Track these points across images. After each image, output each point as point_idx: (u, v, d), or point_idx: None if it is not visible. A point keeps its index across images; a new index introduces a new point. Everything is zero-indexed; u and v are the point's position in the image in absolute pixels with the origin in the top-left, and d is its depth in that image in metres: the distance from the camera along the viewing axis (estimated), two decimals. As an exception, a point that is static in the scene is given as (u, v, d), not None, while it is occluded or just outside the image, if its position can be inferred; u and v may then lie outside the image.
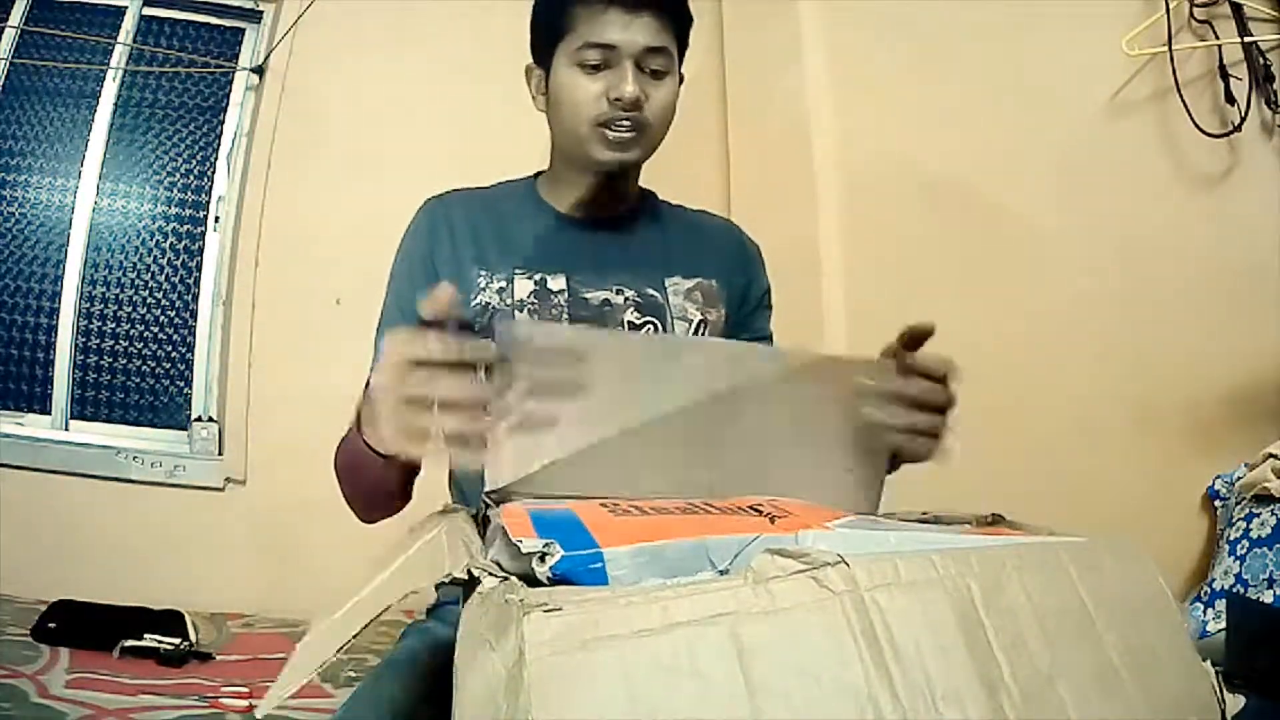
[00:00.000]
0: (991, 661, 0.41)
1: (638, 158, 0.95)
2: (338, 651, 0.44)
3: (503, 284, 0.94)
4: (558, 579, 0.43)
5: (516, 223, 0.99)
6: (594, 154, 0.93)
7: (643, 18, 0.89)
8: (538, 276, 0.95)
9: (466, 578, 0.42)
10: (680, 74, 0.97)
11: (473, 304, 0.93)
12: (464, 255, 0.95)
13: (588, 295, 0.95)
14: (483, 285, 0.94)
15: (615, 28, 0.88)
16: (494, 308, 0.93)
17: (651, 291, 0.98)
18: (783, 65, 2.17)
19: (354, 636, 0.44)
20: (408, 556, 0.50)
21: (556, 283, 0.95)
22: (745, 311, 1.07)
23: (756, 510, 0.61)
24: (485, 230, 0.97)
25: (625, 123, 0.90)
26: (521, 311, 0.93)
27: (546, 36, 0.94)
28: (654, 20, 0.90)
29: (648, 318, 0.97)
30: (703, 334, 1.00)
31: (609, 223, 1.01)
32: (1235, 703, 0.46)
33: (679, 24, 0.94)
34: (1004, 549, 0.47)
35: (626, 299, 0.96)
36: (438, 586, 0.98)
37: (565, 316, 0.94)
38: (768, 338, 1.10)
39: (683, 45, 0.96)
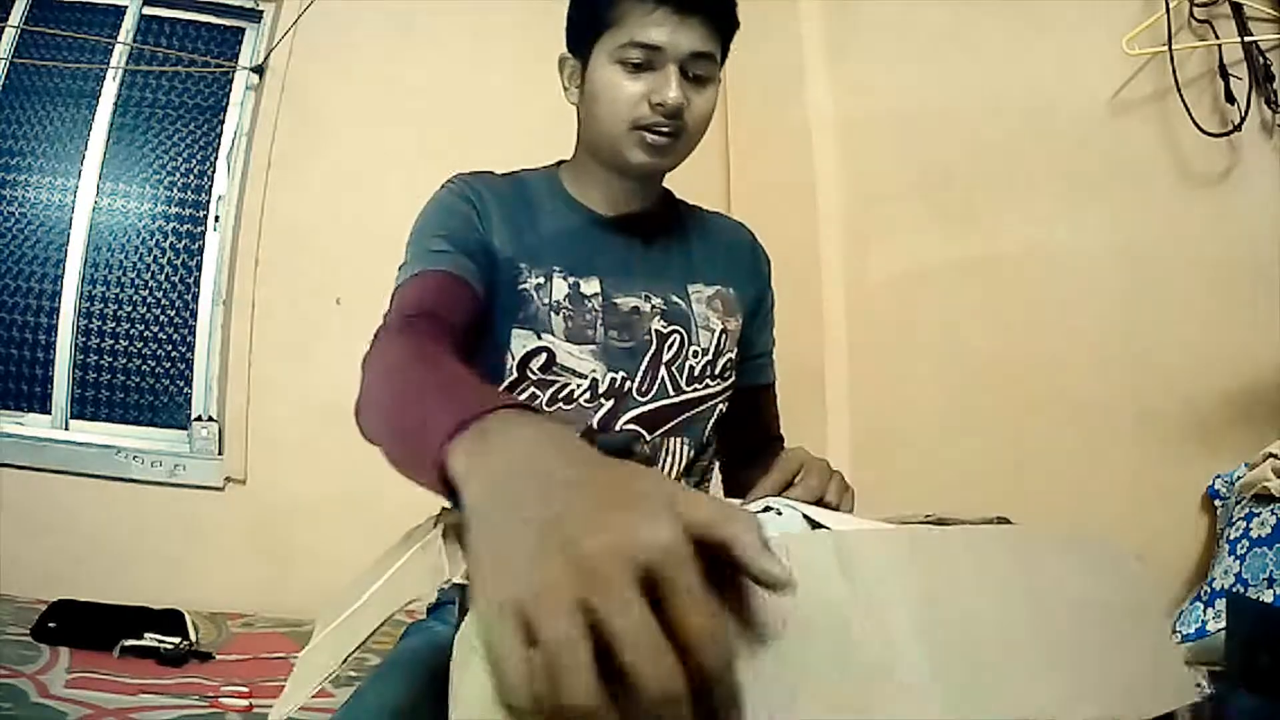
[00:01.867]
0: (955, 640, 0.40)
1: (669, 165, 0.93)
2: (343, 661, 0.44)
3: (540, 280, 0.92)
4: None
5: (549, 218, 0.96)
6: (629, 157, 0.90)
7: (692, 21, 0.86)
8: (571, 279, 0.93)
9: (466, 582, 0.42)
10: (719, 81, 0.93)
11: (517, 290, 0.91)
12: (504, 239, 0.92)
13: (618, 301, 0.94)
14: (523, 278, 0.92)
15: (663, 29, 0.85)
16: (533, 304, 0.91)
17: (676, 299, 0.97)
18: (783, 67, 2.17)
19: (359, 646, 0.44)
20: (405, 560, 0.50)
21: (590, 286, 0.93)
22: (755, 325, 1.06)
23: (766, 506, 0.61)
24: (521, 221, 0.94)
25: (664, 128, 0.87)
26: (557, 314, 0.91)
27: (588, 28, 0.90)
28: (702, 25, 0.87)
29: (674, 326, 0.96)
30: (724, 344, 0.99)
31: (635, 224, 0.98)
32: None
33: (726, 31, 0.91)
34: (984, 535, 0.47)
35: (654, 306, 0.95)
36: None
37: (600, 323, 0.93)
38: (768, 353, 1.09)
39: (725, 52, 0.93)
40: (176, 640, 1.61)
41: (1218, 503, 1.44)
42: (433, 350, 0.69)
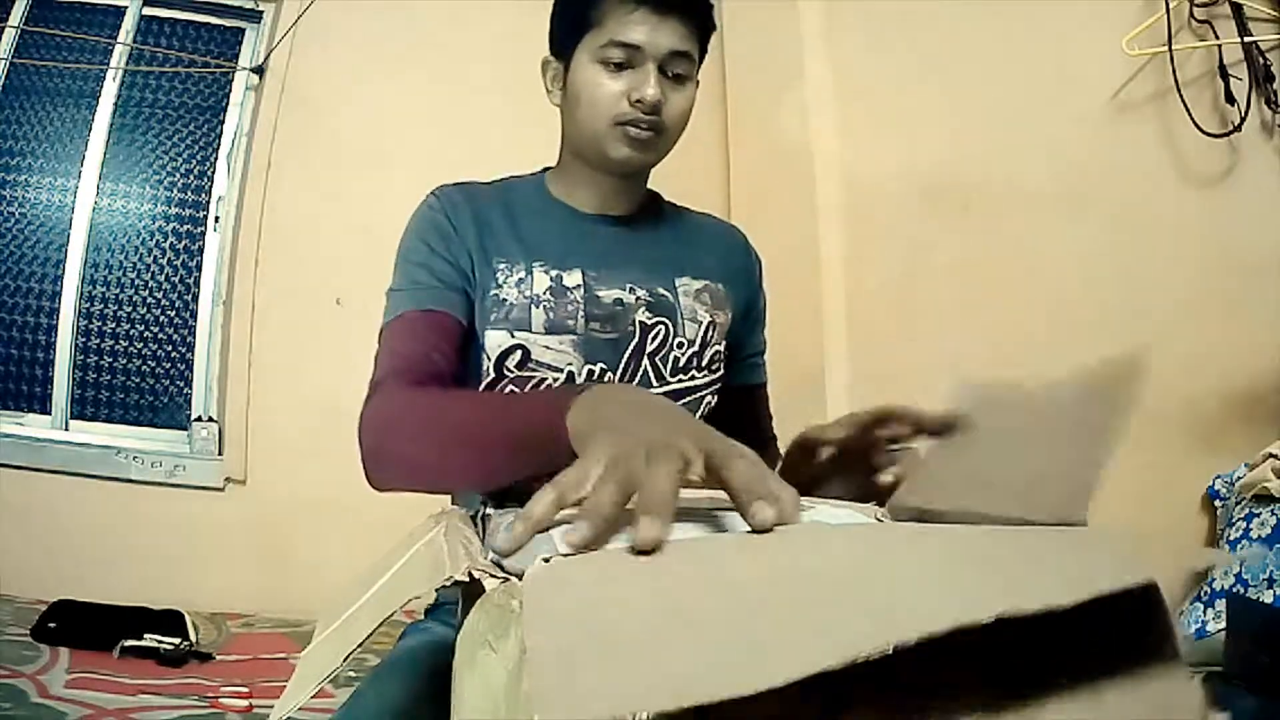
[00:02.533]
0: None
1: (652, 160, 0.95)
2: (344, 661, 0.44)
3: (521, 275, 0.93)
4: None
5: (529, 217, 0.97)
6: (610, 152, 0.92)
7: (670, 21, 0.89)
8: (554, 272, 0.94)
9: (467, 580, 0.42)
10: (696, 80, 0.96)
11: (490, 294, 0.93)
12: (483, 243, 0.94)
13: (601, 293, 0.95)
14: (501, 279, 0.93)
15: (643, 28, 0.88)
16: (511, 302, 0.92)
17: (663, 291, 0.98)
18: (783, 69, 2.17)
19: (359, 645, 0.44)
20: (407, 560, 0.50)
21: (572, 278, 0.94)
22: (747, 324, 1.07)
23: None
24: (499, 222, 0.96)
25: (644, 124, 0.90)
26: (537, 307, 0.92)
27: (570, 31, 0.93)
28: (680, 25, 0.90)
29: (659, 317, 0.96)
30: (711, 336, 0.99)
31: (620, 221, 1.00)
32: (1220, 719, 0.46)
33: (703, 31, 0.94)
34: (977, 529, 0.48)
35: (639, 298, 0.96)
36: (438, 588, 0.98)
37: (581, 314, 0.93)
38: (760, 353, 1.10)
39: (703, 53, 0.96)
40: (176, 640, 1.61)
41: (1218, 503, 1.44)
42: (456, 393, 0.79)
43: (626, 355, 0.94)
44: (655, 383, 0.95)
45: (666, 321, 0.97)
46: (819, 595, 0.37)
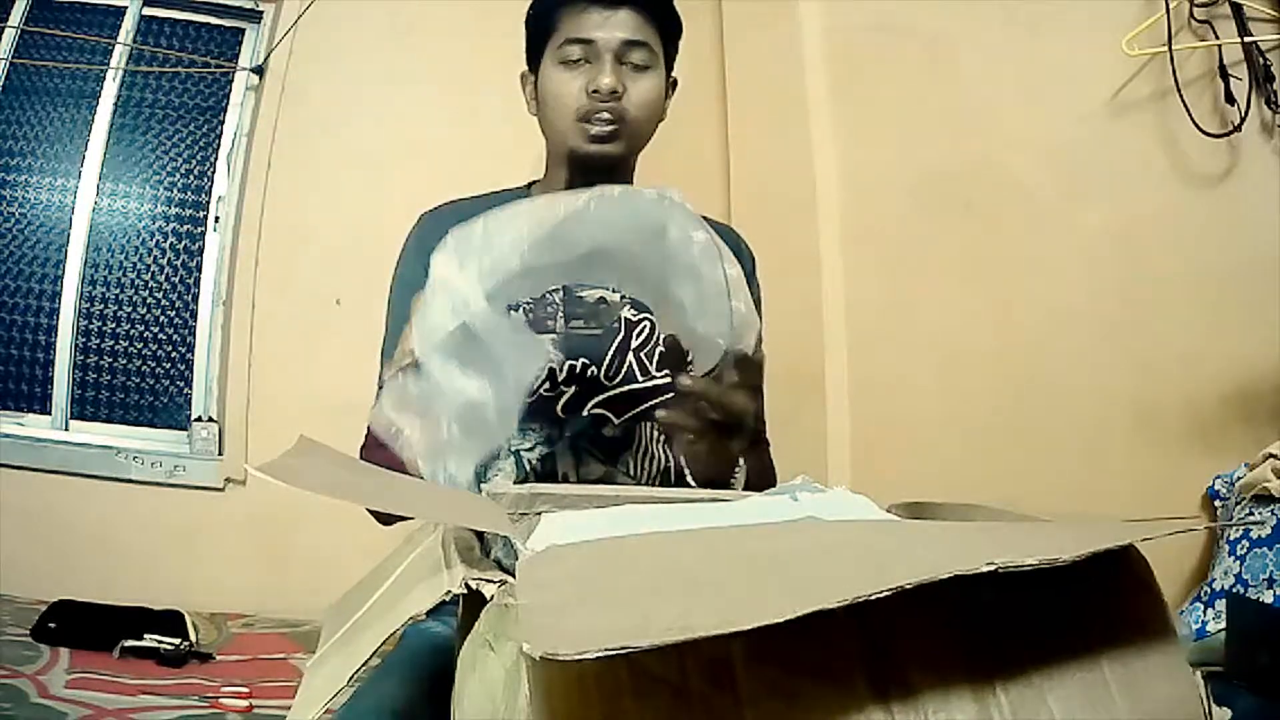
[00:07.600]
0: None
1: (620, 150, 0.96)
2: (349, 680, 0.44)
3: None
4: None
5: None
6: (577, 146, 0.94)
7: (621, 13, 0.92)
8: None
9: (465, 592, 0.43)
10: (673, 77, 0.99)
11: None
12: None
13: (583, 294, 0.96)
14: None
15: (594, 23, 0.92)
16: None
17: None
18: (783, 66, 2.17)
19: (363, 664, 0.44)
20: (404, 569, 0.51)
21: None
22: None
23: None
24: None
25: (605, 115, 0.92)
26: (516, 311, 0.93)
27: (536, 41, 0.98)
28: (632, 16, 0.93)
29: (644, 314, 0.97)
30: None
31: None
32: (1222, 715, 0.46)
33: (661, 21, 0.96)
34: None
35: (623, 296, 0.97)
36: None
37: (560, 315, 0.94)
38: None
39: (669, 43, 0.98)
40: (176, 641, 1.61)
41: (1218, 503, 1.44)
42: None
43: (611, 351, 0.95)
44: (640, 377, 0.96)
45: (652, 318, 0.97)
46: (816, 558, 0.38)
